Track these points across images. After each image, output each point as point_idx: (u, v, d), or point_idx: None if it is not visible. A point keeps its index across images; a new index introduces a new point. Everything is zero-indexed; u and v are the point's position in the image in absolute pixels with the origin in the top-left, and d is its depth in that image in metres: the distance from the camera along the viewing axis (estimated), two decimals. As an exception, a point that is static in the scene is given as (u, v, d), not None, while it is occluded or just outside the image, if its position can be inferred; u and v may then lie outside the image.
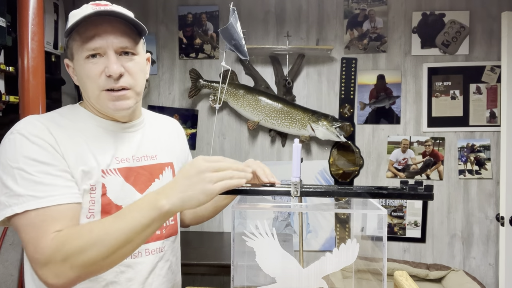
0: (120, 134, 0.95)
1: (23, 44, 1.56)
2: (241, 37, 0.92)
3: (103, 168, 0.88)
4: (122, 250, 0.75)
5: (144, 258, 0.95)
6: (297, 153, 0.83)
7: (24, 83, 1.57)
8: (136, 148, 0.97)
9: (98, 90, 0.87)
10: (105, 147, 0.91)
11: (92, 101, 0.91)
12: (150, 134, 1.03)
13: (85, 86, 0.89)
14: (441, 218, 2.68)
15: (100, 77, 0.86)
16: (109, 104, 0.88)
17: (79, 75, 0.89)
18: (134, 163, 0.95)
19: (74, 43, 0.87)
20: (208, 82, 2.69)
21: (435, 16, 2.63)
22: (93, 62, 0.86)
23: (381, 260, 0.78)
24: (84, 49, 0.85)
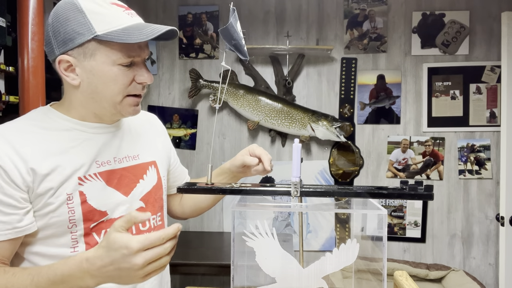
0: (100, 136, 0.91)
1: (23, 44, 1.56)
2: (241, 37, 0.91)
3: (79, 176, 0.85)
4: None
5: None
6: (297, 153, 0.83)
7: (24, 83, 1.57)
8: (117, 149, 0.94)
9: (122, 96, 0.86)
10: (84, 152, 0.87)
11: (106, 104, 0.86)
12: (130, 133, 0.99)
13: (106, 89, 0.84)
14: (441, 218, 2.68)
15: (131, 84, 0.86)
16: (130, 109, 0.88)
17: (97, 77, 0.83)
18: (116, 165, 0.92)
19: (104, 44, 0.81)
20: (208, 82, 2.69)
21: (435, 16, 2.63)
22: (123, 69, 0.84)
23: (381, 260, 0.78)
24: (120, 56, 0.82)
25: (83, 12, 0.79)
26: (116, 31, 0.80)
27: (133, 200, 0.95)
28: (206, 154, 2.80)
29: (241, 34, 0.92)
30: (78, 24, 0.80)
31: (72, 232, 0.85)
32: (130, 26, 0.82)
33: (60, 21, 0.81)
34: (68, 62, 0.83)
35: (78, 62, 0.83)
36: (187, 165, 2.80)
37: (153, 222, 0.99)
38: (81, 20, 0.79)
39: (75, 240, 0.86)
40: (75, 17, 0.80)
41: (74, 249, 0.86)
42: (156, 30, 0.81)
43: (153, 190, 1.00)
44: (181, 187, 0.90)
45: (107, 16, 0.81)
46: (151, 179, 1.00)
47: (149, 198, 0.98)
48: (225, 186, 0.90)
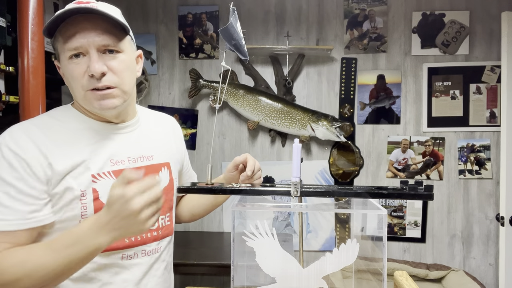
0: (114, 135, 0.94)
1: (23, 44, 1.56)
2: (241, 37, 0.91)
3: (93, 173, 0.87)
4: (55, 281, 0.77)
5: (140, 259, 0.95)
6: (297, 153, 0.83)
7: (24, 83, 1.57)
8: (131, 149, 0.96)
9: (83, 91, 0.86)
10: (99, 150, 0.90)
11: (79, 101, 0.89)
12: (145, 134, 1.01)
13: (71, 87, 0.88)
14: (441, 218, 2.68)
15: (84, 77, 0.84)
16: (94, 103, 0.87)
17: (65, 76, 0.88)
18: (130, 165, 0.94)
19: (57, 44, 0.86)
20: (208, 82, 2.69)
21: (435, 16, 2.63)
22: (76, 62, 0.84)
23: (381, 260, 0.78)
24: (66, 49, 0.83)
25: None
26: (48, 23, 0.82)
27: None
28: (206, 154, 2.80)
29: (241, 34, 0.92)
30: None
31: None
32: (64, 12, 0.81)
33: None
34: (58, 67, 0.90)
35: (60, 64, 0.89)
36: (187, 165, 2.80)
37: (161, 222, 1.00)
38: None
39: None
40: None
41: None
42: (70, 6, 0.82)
43: (164, 191, 0.99)
44: (181, 187, 0.90)
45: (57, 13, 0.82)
46: (163, 180, 1.01)
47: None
48: (225, 186, 0.90)
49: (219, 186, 0.90)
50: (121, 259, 0.92)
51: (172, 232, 1.06)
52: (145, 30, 2.74)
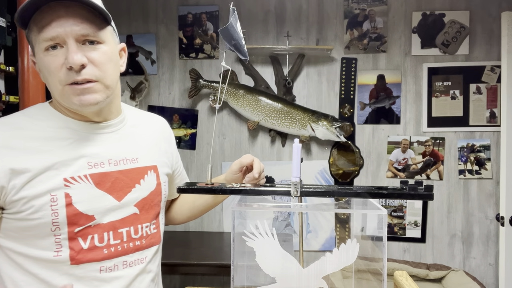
0: (94, 135, 0.86)
1: (23, 44, 1.56)
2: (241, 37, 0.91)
3: (66, 176, 0.80)
4: None
5: (121, 271, 0.87)
6: (297, 153, 0.83)
7: (24, 83, 1.57)
8: (113, 150, 0.88)
9: (61, 85, 0.78)
10: (75, 151, 0.83)
11: (57, 97, 0.82)
12: (131, 134, 0.94)
13: (48, 81, 0.80)
14: (441, 218, 2.68)
15: (61, 70, 0.76)
16: (73, 99, 0.79)
17: (41, 70, 0.80)
18: (111, 168, 0.87)
19: (32, 35, 0.77)
20: (208, 82, 2.69)
21: (435, 16, 2.63)
22: (52, 54, 0.76)
23: (381, 260, 0.78)
24: (41, 40, 0.75)
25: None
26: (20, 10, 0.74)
27: (127, 205, 0.89)
28: (206, 154, 2.80)
29: (241, 34, 0.92)
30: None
31: (55, 235, 0.80)
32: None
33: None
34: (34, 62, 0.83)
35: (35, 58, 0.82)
36: (187, 165, 2.80)
37: (146, 230, 0.92)
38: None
39: (59, 243, 0.81)
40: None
41: (58, 253, 0.81)
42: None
43: (150, 196, 0.94)
44: (181, 187, 0.90)
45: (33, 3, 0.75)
46: (149, 185, 0.94)
47: (144, 204, 0.92)
48: (225, 186, 0.90)
49: (219, 186, 0.90)
50: (99, 271, 0.84)
51: (159, 240, 0.98)
52: (145, 30, 2.74)
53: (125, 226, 0.88)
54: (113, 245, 0.86)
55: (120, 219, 0.87)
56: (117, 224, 0.87)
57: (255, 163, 1.01)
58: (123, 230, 0.87)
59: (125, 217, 0.88)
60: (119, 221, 0.87)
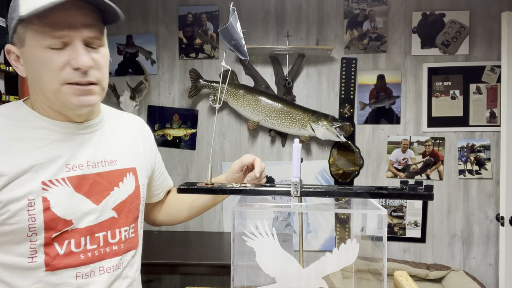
0: (73, 136, 0.83)
1: (23, 44, 1.56)
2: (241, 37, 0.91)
3: (44, 180, 0.77)
4: None
5: (97, 277, 0.83)
6: (297, 153, 0.83)
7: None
8: (92, 152, 0.85)
9: (59, 84, 0.76)
10: (53, 152, 0.79)
11: (48, 95, 0.78)
12: (109, 135, 0.91)
13: (40, 78, 0.76)
14: (441, 218, 2.68)
15: (64, 69, 0.75)
16: (72, 99, 0.77)
17: (32, 65, 0.76)
18: (89, 170, 0.84)
19: (29, 27, 0.74)
20: (208, 82, 2.69)
21: (435, 16, 2.63)
22: (55, 52, 0.74)
23: (381, 260, 0.78)
24: (46, 37, 0.73)
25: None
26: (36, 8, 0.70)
27: (105, 209, 0.86)
28: (206, 154, 2.80)
29: (241, 34, 0.92)
30: (12, 9, 0.75)
31: (31, 240, 0.77)
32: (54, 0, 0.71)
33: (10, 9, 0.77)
34: (14, 53, 0.79)
35: (19, 50, 0.78)
36: (187, 165, 2.80)
37: (125, 234, 0.89)
38: (14, 4, 0.75)
39: (34, 249, 0.78)
40: (13, 2, 0.76)
41: (32, 259, 0.78)
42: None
43: (128, 199, 0.91)
44: (181, 187, 0.90)
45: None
46: (127, 187, 0.91)
47: (123, 208, 0.89)
48: (225, 186, 0.90)
49: (219, 186, 0.90)
50: (75, 277, 0.81)
51: (137, 245, 0.94)
52: (145, 30, 2.74)
53: (102, 231, 0.85)
54: (90, 250, 0.83)
55: (98, 223, 0.84)
56: (94, 229, 0.84)
57: (256, 163, 1.02)
58: (100, 234, 0.84)
59: (103, 221, 0.85)
60: (97, 225, 0.84)
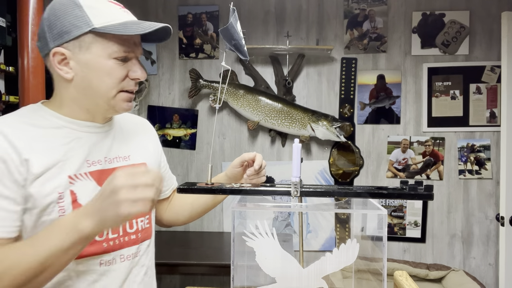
0: (91, 135, 0.90)
1: (23, 44, 1.56)
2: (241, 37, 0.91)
3: (70, 174, 0.83)
4: (37, 280, 0.71)
5: (118, 264, 0.90)
6: (297, 153, 0.83)
7: (24, 83, 1.57)
8: (108, 149, 0.92)
9: (116, 90, 0.85)
10: (75, 150, 0.86)
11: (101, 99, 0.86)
12: (122, 134, 0.99)
13: (100, 83, 0.84)
14: (441, 218, 2.68)
15: (124, 79, 0.86)
16: (123, 104, 0.88)
17: (92, 70, 0.83)
18: (106, 165, 0.90)
19: (98, 38, 0.82)
20: (208, 82, 2.69)
21: (435, 16, 2.63)
22: (118, 63, 0.84)
23: (381, 260, 0.78)
24: (115, 50, 0.83)
25: (81, 7, 0.81)
26: (113, 25, 0.81)
27: None
28: (206, 154, 2.80)
29: (241, 34, 0.92)
30: (75, 17, 0.80)
31: None
32: (127, 21, 0.84)
33: (57, 14, 0.81)
34: (63, 55, 0.82)
35: (73, 55, 0.82)
36: (187, 165, 2.80)
37: (141, 225, 0.96)
38: (79, 13, 0.80)
39: None
40: (73, 11, 0.80)
41: None
42: (152, 25, 0.83)
43: None
44: (181, 187, 0.90)
45: (104, 12, 0.82)
46: None
47: None
48: (225, 186, 0.90)
49: (219, 186, 0.90)
50: (99, 265, 0.87)
51: (151, 235, 1.02)
52: (145, 30, 2.74)
53: None
54: (111, 239, 0.89)
55: None
56: None
57: (257, 157, 1.05)
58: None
59: None
60: None
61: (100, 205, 0.70)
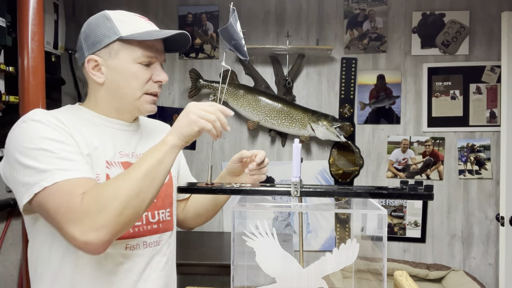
0: (122, 132, 1.01)
1: (23, 44, 1.56)
2: (241, 37, 0.91)
3: (107, 160, 0.93)
4: (147, 185, 0.81)
5: (142, 250, 0.98)
6: (297, 153, 0.83)
7: (24, 83, 1.57)
8: (135, 146, 1.02)
9: (141, 92, 0.97)
10: (111, 141, 0.96)
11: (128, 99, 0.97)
12: (147, 135, 1.09)
13: (127, 85, 0.95)
14: (441, 218, 2.68)
15: (148, 82, 0.97)
16: (147, 106, 0.99)
17: (120, 74, 0.95)
18: (133, 160, 0.99)
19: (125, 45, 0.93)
20: (208, 82, 2.69)
21: (435, 16, 2.63)
22: (143, 67, 0.95)
23: (381, 260, 0.78)
24: (140, 55, 0.94)
25: (110, 20, 0.94)
26: (137, 33, 0.93)
27: None
28: (206, 154, 2.80)
29: (241, 34, 0.93)
30: (106, 28, 0.93)
31: None
32: (150, 30, 0.96)
33: (91, 28, 0.95)
34: (96, 62, 0.94)
35: (104, 61, 0.94)
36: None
37: (162, 216, 1.04)
38: (109, 25, 0.94)
39: None
40: (104, 23, 0.94)
41: None
42: (171, 31, 0.95)
43: (164, 186, 1.03)
44: (181, 187, 0.90)
45: (130, 23, 0.96)
46: None
47: (160, 194, 1.02)
48: (225, 186, 0.90)
49: (219, 186, 0.90)
50: (125, 248, 0.95)
51: (172, 227, 1.09)
52: (145, 30, 2.74)
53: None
54: (137, 226, 0.97)
55: None
56: None
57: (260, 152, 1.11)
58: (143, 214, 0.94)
59: None
60: None
61: (177, 123, 0.87)
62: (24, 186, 0.80)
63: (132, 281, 0.96)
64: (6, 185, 1.93)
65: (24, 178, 0.81)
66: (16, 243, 1.98)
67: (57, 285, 0.89)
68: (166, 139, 0.86)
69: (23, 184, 0.81)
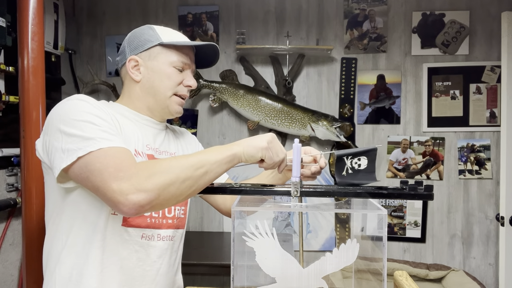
0: (151, 129, 1.09)
1: (23, 44, 1.56)
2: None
3: (136, 148, 1.00)
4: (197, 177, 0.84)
5: (156, 242, 1.04)
6: (297, 153, 0.83)
7: (24, 83, 1.57)
8: (160, 143, 1.10)
9: (171, 92, 1.07)
10: (139, 133, 1.04)
11: (159, 98, 1.06)
12: (172, 135, 1.19)
13: (161, 85, 1.06)
14: (441, 218, 2.68)
15: (179, 85, 1.08)
16: (175, 106, 1.09)
17: (157, 74, 1.05)
18: (157, 155, 1.07)
19: (164, 50, 1.06)
20: (208, 82, 2.69)
21: (435, 16, 2.63)
22: (176, 71, 1.07)
23: (381, 260, 0.78)
24: (176, 60, 1.06)
25: (154, 29, 1.08)
26: (176, 41, 1.07)
27: None
28: (206, 154, 2.79)
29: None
30: (149, 35, 1.06)
31: None
32: (187, 40, 1.10)
33: (136, 35, 1.08)
34: (136, 62, 1.05)
35: (143, 62, 1.06)
36: (187, 165, 2.80)
37: (177, 212, 1.10)
38: (152, 33, 1.07)
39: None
40: (148, 31, 1.07)
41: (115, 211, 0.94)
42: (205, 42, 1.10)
43: None
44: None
45: (171, 33, 1.09)
46: None
47: None
48: (225, 186, 0.90)
49: (219, 185, 0.90)
50: (141, 237, 1.00)
51: (184, 225, 1.16)
52: (145, 30, 2.74)
53: None
54: (154, 217, 1.03)
55: None
56: None
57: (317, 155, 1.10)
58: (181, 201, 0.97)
59: None
60: None
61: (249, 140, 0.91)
62: (65, 152, 0.83)
63: (143, 270, 1.01)
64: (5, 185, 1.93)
65: (66, 145, 0.83)
66: (16, 243, 1.98)
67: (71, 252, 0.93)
68: (232, 146, 0.90)
69: (64, 150, 0.83)
